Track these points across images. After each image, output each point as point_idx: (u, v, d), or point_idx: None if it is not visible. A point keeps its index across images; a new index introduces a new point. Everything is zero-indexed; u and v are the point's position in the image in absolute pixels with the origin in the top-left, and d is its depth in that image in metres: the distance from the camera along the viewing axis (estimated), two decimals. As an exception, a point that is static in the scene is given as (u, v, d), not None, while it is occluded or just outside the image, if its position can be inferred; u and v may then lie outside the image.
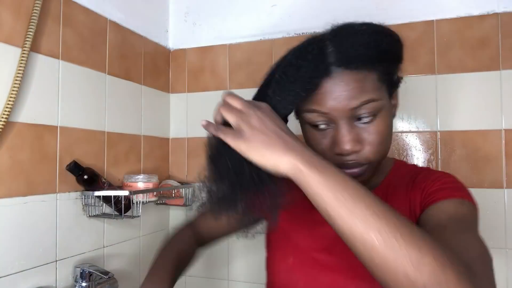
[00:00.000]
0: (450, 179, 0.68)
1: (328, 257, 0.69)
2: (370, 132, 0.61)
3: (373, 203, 0.46)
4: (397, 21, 1.20)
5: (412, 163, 0.77)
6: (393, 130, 1.19)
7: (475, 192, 1.11)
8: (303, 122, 0.66)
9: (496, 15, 1.12)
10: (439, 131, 1.16)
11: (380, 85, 0.61)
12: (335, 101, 0.59)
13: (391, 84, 0.65)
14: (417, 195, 0.67)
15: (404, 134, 1.19)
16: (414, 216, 0.67)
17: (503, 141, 1.10)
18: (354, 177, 0.57)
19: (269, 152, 0.51)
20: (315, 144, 0.65)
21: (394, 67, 0.66)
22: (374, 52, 0.59)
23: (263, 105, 0.58)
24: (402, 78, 0.69)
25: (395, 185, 0.72)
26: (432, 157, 1.16)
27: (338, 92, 0.58)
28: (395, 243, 0.42)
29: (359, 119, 0.60)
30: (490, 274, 0.50)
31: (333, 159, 0.62)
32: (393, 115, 0.69)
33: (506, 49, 1.11)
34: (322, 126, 0.62)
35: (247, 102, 0.57)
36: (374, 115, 0.60)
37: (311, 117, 0.62)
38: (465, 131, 1.14)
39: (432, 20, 1.17)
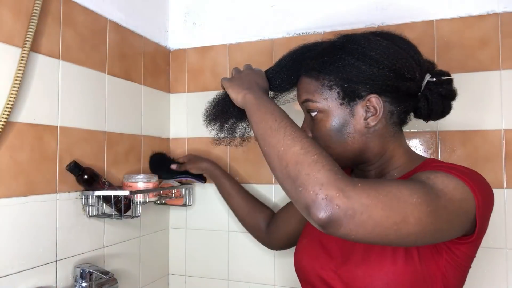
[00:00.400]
0: (450, 164, 0.69)
1: (331, 244, 0.78)
2: (315, 128, 0.76)
3: (281, 116, 0.66)
4: (397, 21, 1.20)
5: (449, 162, 0.75)
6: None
7: (475, 192, 1.11)
8: None
9: (496, 15, 1.12)
10: (439, 131, 1.16)
11: (322, 90, 0.74)
12: (296, 96, 0.82)
13: (348, 95, 0.72)
14: None
15: (404, 134, 1.19)
16: None
17: (503, 141, 1.10)
18: None
19: (236, 88, 0.78)
20: None
21: (347, 78, 0.71)
22: (317, 64, 0.75)
23: (258, 70, 0.88)
24: (369, 95, 0.72)
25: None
26: (432, 157, 1.16)
27: (297, 90, 0.81)
28: (282, 135, 0.62)
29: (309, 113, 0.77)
30: (374, 202, 0.54)
31: None
32: (357, 124, 0.73)
33: (506, 49, 1.11)
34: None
35: (250, 67, 0.90)
36: (314, 112, 0.75)
37: None
38: (465, 131, 1.13)
39: (432, 20, 1.17)
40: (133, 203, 1.12)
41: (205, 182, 1.35)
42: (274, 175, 0.63)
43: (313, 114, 0.76)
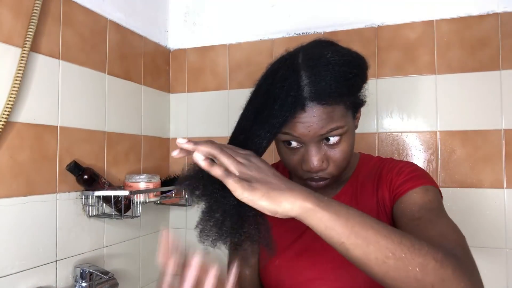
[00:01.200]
0: (412, 168, 0.75)
1: (309, 254, 0.77)
2: (335, 152, 0.69)
3: (378, 226, 0.52)
4: (397, 21, 1.20)
5: (377, 156, 0.84)
6: (393, 130, 1.21)
7: (475, 192, 1.12)
8: (278, 139, 0.71)
9: (496, 15, 1.12)
10: (439, 131, 1.16)
11: (346, 112, 0.68)
12: (306, 129, 0.65)
13: (355, 107, 0.71)
14: (385, 190, 0.74)
15: (404, 134, 1.19)
16: (383, 210, 0.74)
17: (503, 141, 1.10)
18: (319, 189, 0.70)
19: (278, 198, 0.52)
20: (287, 159, 0.72)
21: (359, 93, 0.71)
22: (344, 87, 0.65)
23: (249, 152, 0.60)
24: (365, 98, 0.74)
25: (362, 180, 0.79)
26: (432, 157, 1.16)
27: (310, 122, 0.65)
28: (403, 256, 0.49)
29: (326, 139, 0.68)
30: (468, 252, 0.56)
31: (302, 174, 0.71)
32: (355, 129, 0.75)
33: (506, 49, 1.11)
34: (294, 145, 0.70)
35: (236, 151, 0.58)
36: (341, 137, 0.68)
37: (285, 137, 0.69)
38: (465, 131, 1.14)
39: (432, 20, 1.17)
40: (133, 203, 1.12)
41: None
42: None
43: (336, 139, 0.68)
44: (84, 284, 0.97)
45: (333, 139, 0.67)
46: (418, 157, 1.17)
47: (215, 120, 1.41)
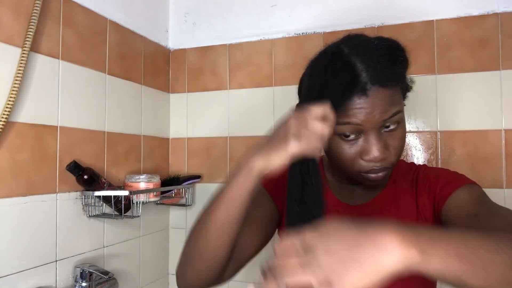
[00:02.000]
0: (448, 171, 0.76)
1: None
2: (395, 138, 0.66)
3: (483, 242, 0.45)
4: (397, 21, 1.20)
5: (411, 161, 0.83)
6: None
7: (475, 192, 1.12)
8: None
9: (496, 15, 1.12)
10: (439, 131, 1.16)
11: (401, 95, 0.67)
12: (370, 115, 0.63)
13: (405, 92, 0.72)
14: (425, 198, 0.73)
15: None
16: (423, 215, 0.73)
17: (503, 141, 1.10)
18: (378, 181, 0.67)
19: (370, 271, 0.43)
20: (343, 153, 0.67)
21: (407, 78, 0.71)
22: (399, 70, 0.66)
23: (308, 236, 0.47)
24: (411, 83, 0.73)
25: (400, 183, 0.77)
26: (432, 157, 1.16)
27: (373, 107, 0.62)
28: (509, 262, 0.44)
29: (386, 126, 0.65)
30: None
31: (361, 165, 0.67)
32: None
33: (506, 49, 1.11)
34: (352, 136, 0.66)
35: (292, 252, 0.48)
36: (398, 123, 0.66)
37: (343, 128, 0.65)
38: (465, 131, 1.14)
39: (432, 20, 1.17)
40: (133, 203, 1.13)
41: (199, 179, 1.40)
42: None
43: (395, 125, 0.66)
44: (84, 284, 0.97)
45: (393, 126, 0.65)
46: (418, 157, 1.17)
47: (215, 120, 1.41)
